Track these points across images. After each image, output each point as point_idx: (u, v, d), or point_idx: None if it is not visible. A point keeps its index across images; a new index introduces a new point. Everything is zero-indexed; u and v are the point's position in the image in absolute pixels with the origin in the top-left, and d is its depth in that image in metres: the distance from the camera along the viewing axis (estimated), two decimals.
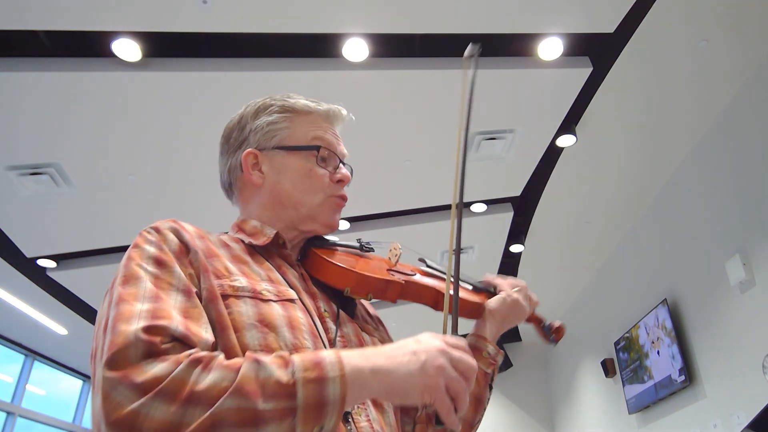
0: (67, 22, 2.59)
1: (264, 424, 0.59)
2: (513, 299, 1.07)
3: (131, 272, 0.70)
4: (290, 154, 0.94)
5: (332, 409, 0.62)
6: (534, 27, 2.91)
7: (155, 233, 0.77)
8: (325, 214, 0.94)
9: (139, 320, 0.63)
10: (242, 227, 0.93)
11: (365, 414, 0.77)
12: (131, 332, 0.62)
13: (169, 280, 0.71)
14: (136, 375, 0.58)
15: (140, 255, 0.73)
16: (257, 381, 0.60)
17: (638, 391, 4.65)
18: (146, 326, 0.62)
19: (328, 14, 2.72)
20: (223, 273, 0.77)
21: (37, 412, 6.32)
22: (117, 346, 0.60)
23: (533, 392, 7.41)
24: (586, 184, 4.39)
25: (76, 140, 3.20)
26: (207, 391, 0.58)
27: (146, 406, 0.56)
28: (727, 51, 3.17)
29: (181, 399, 0.57)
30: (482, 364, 0.99)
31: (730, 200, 3.56)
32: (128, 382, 0.58)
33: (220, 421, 0.57)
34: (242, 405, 0.58)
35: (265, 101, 0.98)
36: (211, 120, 2.89)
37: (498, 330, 1.04)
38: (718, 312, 3.65)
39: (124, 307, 0.65)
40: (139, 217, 3.90)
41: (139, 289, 0.67)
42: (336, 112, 1.00)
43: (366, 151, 3.54)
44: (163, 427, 0.56)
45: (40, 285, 4.71)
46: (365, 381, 0.66)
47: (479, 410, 1.00)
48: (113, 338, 0.62)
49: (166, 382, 0.58)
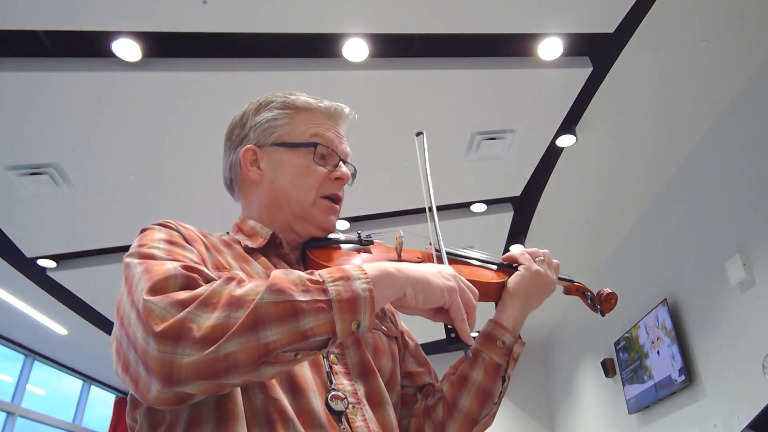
0: (67, 22, 2.59)
1: (303, 315, 0.61)
2: (533, 272, 0.98)
3: (145, 253, 0.71)
4: (289, 150, 0.93)
5: (364, 304, 0.65)
6: (534, 27, 2.91)
7: (160, 226, 0.79)
8: (318, 216, 0.93)
9: (175, 263, 0.66)
10: (241, 228, 0.93)
11: (361, 413, 0.77)
12: (171, 267, 0.65)
13: (183, 252, 0.73)
14: (177, 295, 0.61)
15: (150, 239, 0.74)
16: (289, 279, 0.64)
17: (638, 391, 4.65)
18: (185, 265, 0.66)
19: (328, 14, 2.72)
20: (224, 266, 0.79)
21: (37, 412, 6.32)
22: (158, 276, 0.63)
23: (533, 392, 7.41)
24: (586, 184, 4.39)
25: (76, 140, 3.20)
26: (245, 295, 0.61)
27: (191, 314, 0.59)
28: (727, 51, 3.17)
29: (222, 304, 0.60)
30: (494, 355, 0.92)
31: (730, 200, 3.56)
32: (170, 300, 0.60)
33: (261, 315, 0.59)
34: (279, 299, 0.61)
35: (267, 97, 0.98)
36: (211, 120, 2.89)
37: (523, 311, 0.96)
38: (718, 312, 3.65)
39: (151, 264, 0.67)
40: (139, 217, 3.89)
41: (157, 259, 0.69)
42: (338, 110, 0.99)
43: (366, 151, 3.54)
44: (210, 330, 0.58)
45: (40, 285, 4.71)
46: (390, 277, 0.70)
47: (486, 403, 0.91)
48: (150, 275, 0.64)
49: (207, 293, 0.61)
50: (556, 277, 1.03)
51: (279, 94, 0.98)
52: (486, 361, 0.92)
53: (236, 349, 0.57)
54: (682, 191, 4.16)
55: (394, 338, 0.97)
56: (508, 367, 0.93)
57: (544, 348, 7.73)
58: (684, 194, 4.13)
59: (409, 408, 0.95)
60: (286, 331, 0.60)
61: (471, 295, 0.77)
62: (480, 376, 0.92)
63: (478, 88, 3.23)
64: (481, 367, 0.92)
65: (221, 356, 0.57)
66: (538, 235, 4.92)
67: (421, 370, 1.00)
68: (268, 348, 0.59)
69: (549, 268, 1.01)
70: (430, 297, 0.73)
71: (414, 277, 0.72)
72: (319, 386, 0.75)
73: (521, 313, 0.96)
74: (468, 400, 0.91)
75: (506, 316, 0.95)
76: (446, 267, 0.79)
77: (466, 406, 0.91)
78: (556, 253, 1.05)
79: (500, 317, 0.96)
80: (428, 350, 1.17)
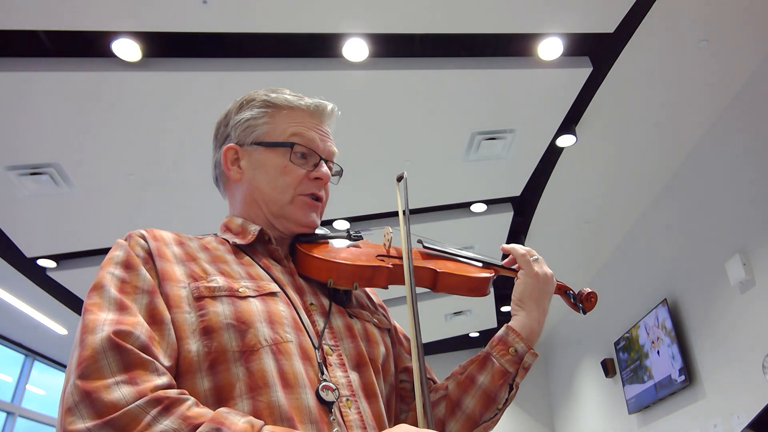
0: (67, 22, 2.58)
1: None
2: (533, 275, 0.97)
3: (99, 280, 0.73)
4: (267, 150, 0.92)
5: None
6: (534, 27, 2.91)
7: (126, 240, 0.80)
8: (296, 213, 0.91)
9: (104, 327, 0.66)
10: (229, 226, 0.93)
11: (355, 406, 0.76)
12: (98, 342, 0.64)
13: (135, 283, 0.73)
14: (102, 393, 0.60)
15: (110, 261, 0.76)
16: None
17: (638, 391, 4.65)
18: (116, 331, 0.65)
19: (328, 14, 2.72)
20: (200, 275, 0.78)
21: (37, 412, 6.32)
22: (88, 359, 0.63)
23: (533, 392, 7.41)
24: (586, 184, 4.39)
25: (76, 140, 3.20)
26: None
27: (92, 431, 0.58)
28: (727, 51, 3.17)
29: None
30: (504, 361, 0.90)
31: (730, 200, 3.56)
32: (92, 398, 0.60)
33: None
34: None
35: (249, 96, 0.97)
36: (211, 120, 2.88)
37: (537, 318, 0.94)
38: (718, 312, 3.65)
39: (89, 317, 0.67)
40: (139, 217, 3.90)
41: (104, 299, 0.70)
42: (320, 108, 0.96)
43: (366, 151, 3.54)
44: None
45: (40, 285, 4.71)
46: None
47: (489, 408, 0.90)
48: (83, 350, 0.64)
49: (120, 414, 0.59)
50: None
51: (261, 92, 0.97)
52: (495, 366, 0.90)
53: None
54: (682, 191, 4.16)
55: (387, 330, 0.96)
56: (516, 375, 0.91)
57: (544, 348, 7.73)
58: (684, 194, 4.13)
59: (407, 402, 0.95)
60: None
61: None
62: (487, 380, 0.90)
63: (478, 88, 3.23)
64: (490, 371, 0.90)
65: None
66: (538, 235, 4.92)
67: None
68: None
69: (544, 266, 1.01)
70: None
71: None
72: (312, 379, 0.74)
73: (537, 321, 0.94)
74: (472, 401, 0.90)
75: (521, 324, 0.93)
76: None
77: (469, 408, 0.90)
78: (556, 253, 1.05)
79: (516, 324, 0.93)
80: (430, 350, 1.18)
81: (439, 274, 0.95)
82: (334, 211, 4.14)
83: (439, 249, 1.02)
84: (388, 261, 0.92)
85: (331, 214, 4.18)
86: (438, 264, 0.97)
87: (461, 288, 0.97)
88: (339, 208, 4.09)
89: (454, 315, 6.25)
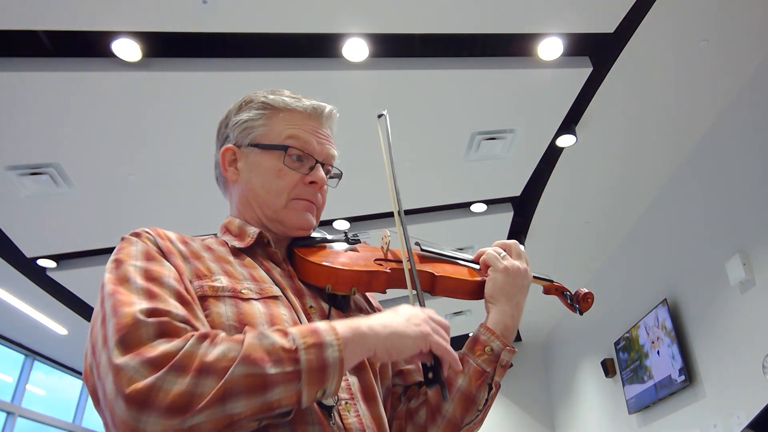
0: (67, 22, 2.58)
1: (272, 387, 0.61)
2: (501, 270, 0.95)
3: (123, 274, 0.70)
4: (263, 152, 0.91)
5: (333, 372, 0.65)
6: (534, 27, 2.91)
7: (136, 237, 0.78)
8: (290, 217, 0.91)
9: (142, 305, 0.65)
10: (228, 228, 0.93)
11: (354, 409, 0.76)
12: (138, 313, 0.64)
13: (161, 271, 0.72)
14: (148, 351, 0.60)
15: (127, 254, 0.74)
16: (262, 348, 0.62)
17: (638, 391, 4.65)
18: (152, 309, 0.65)
19: (328, 14, 2.72)
20: (204, 273, 0.78)
21: (37, 412, 6.32)
22: (127, 327, 0.62)
23: (533, 392, 7.41)
24: (586, 184, 4.39)
25: (76, 140, 3.20)
26: (217, 362, 0.60)
27: (161, 380, 0.58)
28: (727, 51, 3.17)
29: (192, 370, 0.59)
30: (480, 361, 0.90)
31: (730, 200, 3.56)
32: (140, 358, 0.59)
33: (231, 388, 0.59)
34: (251, 371, 0.60)
35: (249, 96, 0.97)
36: (211, 120, 2.88)
37: (510, 312, 0.94)
38: (718, 312, 3.65)
39: (120, 298, 0.66)
40: (139, 217, 3.89)
41: (131, 291, 0.68)
42: (318, 110, 0.95)
43: (365, 151, 3.54)
44: (178, 398, 0.57)
45: (40, 285, 4.71)
46: (362, 337, 0.69)
47: (470, 410, 0.89)
48: (119, 321, 0.63)
49: (178, 356, 0.60)
50: (527, 265, 1.00)
51: (261, 93, 0.96)
52: (472, 367, 0.90)
53: (202, 421, 0.58)
54: (681, 191, 4.16)
55: None
56: (495, 374, 0.90)
57: (544, 348, 7.73)
58: (684, 194, 4.13)
59: (393, 408, 0.94)
60: (252, 403, 0.60)
61: (444, 332, 0.75)
62: (465, 382, 0.89)
63: (478, 88, 3.23)
64: (467, 372, 0.90)
65: (185, 428, 0.57)
66: (538, 235, 4.92)
67: (411, 367, 0.98)
68: (232, 419, 0.59)
69: (518, 259, 0.99)
70: (403, 350, 0.71)
71: (384, 335, 0.70)
72: None
73: (510, 316, 0.93)
74: (452, 405, 0.89)
75: (494, 321, 0.93)
76: (416, 310, 0.75)
77: (449, 412, 0.89)
78: (556, 253, 1.05)
79: (489, 322, 0.93)
80: None
81: (438, 277, 0.94)
82: (334, 212, 4.14)
83: (436, 252, 1.02)
84: (386, 265, 0.91)
85: (331, 215, 4.18)
86: (436, 267, 0.97)
87: (459, 291, 0.97)
88: (339, 208, 4.09)
89: (454, 315, 6.25)
